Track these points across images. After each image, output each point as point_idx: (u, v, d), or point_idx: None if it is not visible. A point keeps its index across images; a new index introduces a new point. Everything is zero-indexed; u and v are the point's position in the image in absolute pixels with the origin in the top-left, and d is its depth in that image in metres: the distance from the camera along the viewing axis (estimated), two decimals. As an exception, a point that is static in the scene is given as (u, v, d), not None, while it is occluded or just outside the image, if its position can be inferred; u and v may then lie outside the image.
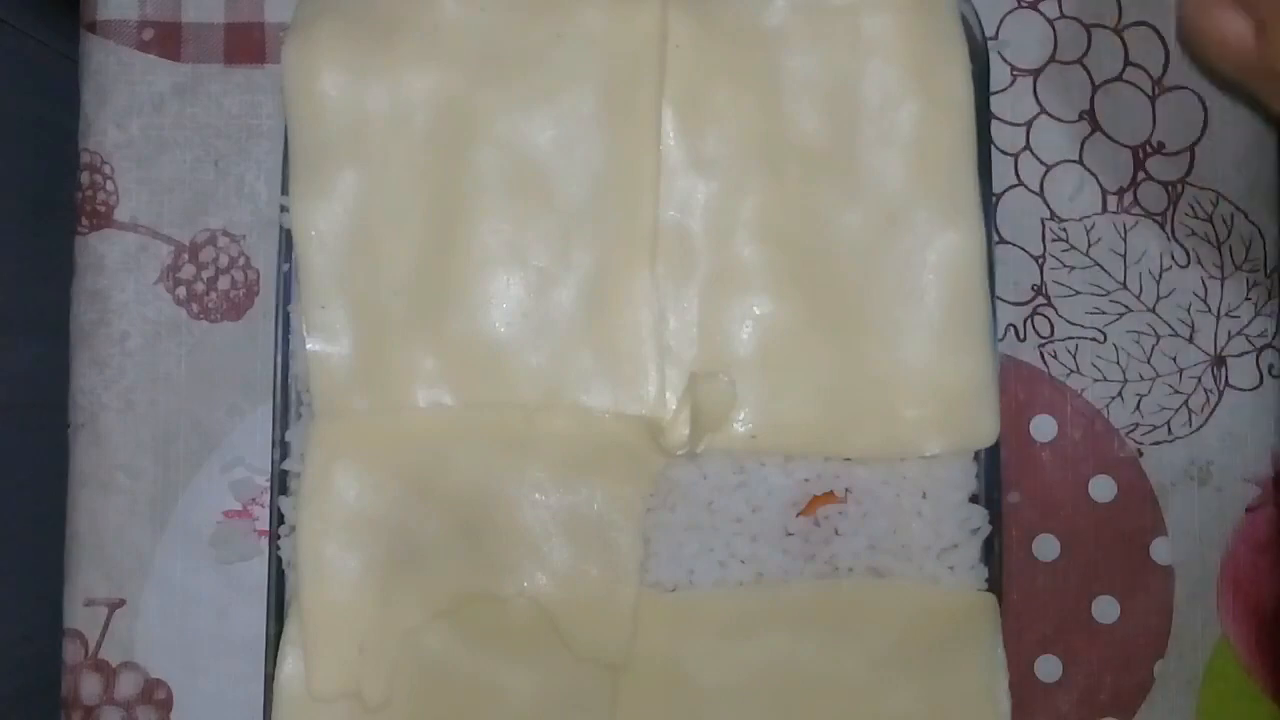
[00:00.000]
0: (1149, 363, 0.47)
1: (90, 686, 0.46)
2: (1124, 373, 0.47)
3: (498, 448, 0.41)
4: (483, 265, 0.42)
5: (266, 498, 0.45)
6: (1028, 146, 0.47)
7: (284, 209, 0.42)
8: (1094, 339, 0.47)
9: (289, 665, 0.41)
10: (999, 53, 0.47)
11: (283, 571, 0.42)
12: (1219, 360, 0.47)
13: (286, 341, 0.42)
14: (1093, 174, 0.47)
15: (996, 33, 0.47)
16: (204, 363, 0.47)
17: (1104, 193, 0.47)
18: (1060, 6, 0.47)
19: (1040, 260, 0.47)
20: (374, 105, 0.42)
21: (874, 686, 0.41)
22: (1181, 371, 0.47)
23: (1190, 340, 0.47)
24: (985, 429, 0.42)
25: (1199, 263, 0.47)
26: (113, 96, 0.48)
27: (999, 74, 0.47)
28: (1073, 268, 0.47)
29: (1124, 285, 0.47)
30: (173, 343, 0.47)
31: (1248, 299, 0.47)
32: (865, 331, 0.42)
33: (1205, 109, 0.47)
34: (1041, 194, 0.47)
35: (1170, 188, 0.47)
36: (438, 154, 0.42)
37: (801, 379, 0.42)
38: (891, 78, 0.42)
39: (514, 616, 0.41)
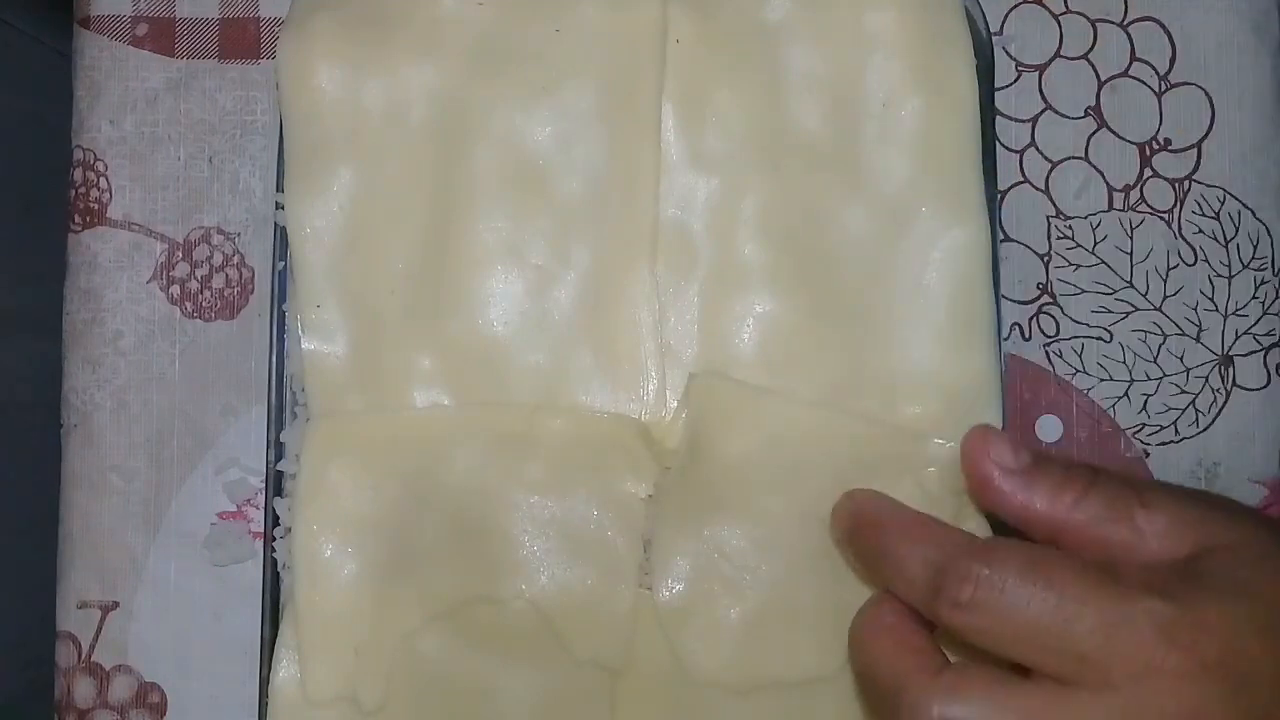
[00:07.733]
0: (1155, 362, 0.46)
1: (84, 690, 0.46)
2: (1130, 372, 0.46)
3: (496, 448, 0.41)
4: (480, 263, 0.41)
5: (261, 499, 0.45)
6: (1033, 143, 0.47)
7: (279, 206, 0.42)
8: (1100, 338, 0.46)
9: (284, 669, 0.40)
10: (1004, 48, 0.47)
11: (278, 574, 0.41)
12: (1226, 359, 0.46)
13: (281, 341, 0.42)
14: (1099, 171, 0.47)
15: (1001, 28, 0.47)
16: (198, 362, 0.47)
17: (1110, 190, 0.47)
18: (1065, 1, 0.47)
19: (1045, 258, 0.47)
20: (370, 101, 0.41)
21: None
22: (1188, 371, 0.46)
23: (1197, 339, 0.46)
24: (990, 429, 0.41)
25: (1206, 261, 0.47)
26: (106, 92, 0.47)
27: (1004, 69, 0.47)
28: (1078, 266, 0.46)
29: (1130, 284, 0.46)
30: (166, 342, 0.47)
31: (1255, 297, 0.46)
32: (868, 330, 0.41)
33: (1212, 105, 0.47)
34: (1047, 191, 0.47)
35: (1177, 185, 0.47)
36: (435, 150, 0.42)
37: (803, 378, 0.41)
38: (894, 73, 0.41)
39: (512, 619, 0.40)
